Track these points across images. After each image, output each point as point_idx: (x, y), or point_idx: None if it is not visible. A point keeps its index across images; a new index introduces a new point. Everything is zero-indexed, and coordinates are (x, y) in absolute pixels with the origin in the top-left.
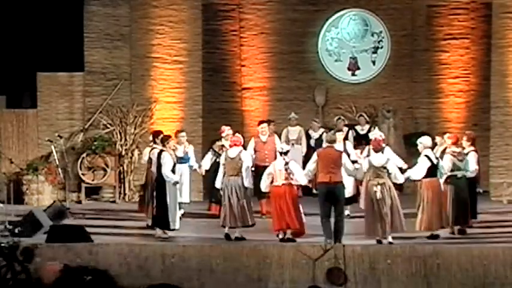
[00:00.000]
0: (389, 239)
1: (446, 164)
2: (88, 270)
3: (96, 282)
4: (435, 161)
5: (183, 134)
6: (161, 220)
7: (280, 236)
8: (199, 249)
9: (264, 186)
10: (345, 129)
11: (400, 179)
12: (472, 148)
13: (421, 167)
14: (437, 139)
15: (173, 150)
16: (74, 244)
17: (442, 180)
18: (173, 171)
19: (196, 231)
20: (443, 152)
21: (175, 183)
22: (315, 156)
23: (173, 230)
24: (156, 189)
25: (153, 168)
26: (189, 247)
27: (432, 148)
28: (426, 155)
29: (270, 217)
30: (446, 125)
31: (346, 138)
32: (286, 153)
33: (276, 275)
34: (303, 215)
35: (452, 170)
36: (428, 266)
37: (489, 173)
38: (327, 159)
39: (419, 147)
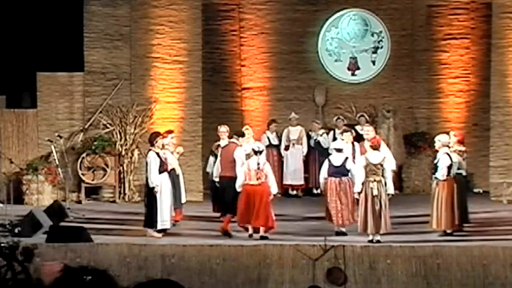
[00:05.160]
0: (378, 237)
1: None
2: (88, 270)
3: (96, 282)
4: (454, 160)
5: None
6: (147, 219)
7: (250, 232)
8: (199, 249)
9: (239, 185)
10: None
11: (391, 190)
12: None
13: (444, 166)
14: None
15: (161, 149)
16: (74, 244)
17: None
18: (162, 170)
19: (197, 231)
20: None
21: (152, 188)
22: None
23: (161, 230)
24: (146, 188)
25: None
26: (189, 247)
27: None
28: (447, 153)
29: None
30: (446, 125)
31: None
32: (260, 152)
33: (276, 275)
34: (272, 212)
35: (458, 169)
36: (428, 266)
37: (489, 173)
38: None
39: (437, 145)
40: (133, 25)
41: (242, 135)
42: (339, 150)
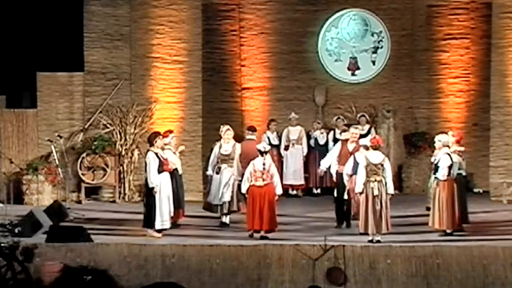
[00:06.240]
0: (378, 237)
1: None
2: (88, 270)
3: (96, 282)
4: (454, 160)
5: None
6: (146, 219)
7: (250, 232)
8: (199, 249)
9: (246, 187)
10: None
11: (391, 190)
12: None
13: (445, 166)
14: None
15: (161, 149)
16: (74, 244)
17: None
18: (161, 170)
19: (197, 232)
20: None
21: (152, 188)
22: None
23: (160, 230)
24: (145, 188)
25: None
26: (189, 247)
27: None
28: (447, 153)
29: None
30: (446, 125)
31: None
32: (266, 152)
33: (276, 275)
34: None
35: (458, 169)
36: (428, 266)
37: (489, 173)
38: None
39: (437, 145)
40: (133, 25)
41: (255, 130)
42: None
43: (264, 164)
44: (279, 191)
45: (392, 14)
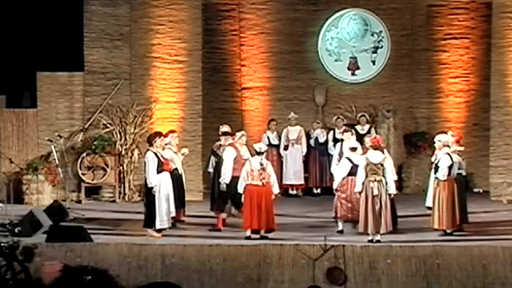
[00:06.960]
0: (378, 237)
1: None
2: (88, 270)
3: (96, 282)
4: (454, 160)
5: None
6: (147, 219)
7: (248, 234)
8: (199, 249)
9: (242, 186)
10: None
11: (392, 190)
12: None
13: (445, 166)
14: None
15: (163, 149)
16: (74, 244)
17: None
18: (161, 170)
19: (197, 232)
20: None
21: (151, 188)
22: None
23: (160, 230)
24: (145, 188)
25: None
26: (189, 247)
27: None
28: (447, 153)
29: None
30: (446, 125)
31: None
32: (263, 153)
33: (276, 275)
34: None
35: (458, 169)
36: (428, 266)
37: (489, 172)
38: None
39: (437, 145)
40: (133, 25)
41: (230, 134)
42: (355, 149)
43: (261, 164)
44: (275, 190)
45: (392, 14)
